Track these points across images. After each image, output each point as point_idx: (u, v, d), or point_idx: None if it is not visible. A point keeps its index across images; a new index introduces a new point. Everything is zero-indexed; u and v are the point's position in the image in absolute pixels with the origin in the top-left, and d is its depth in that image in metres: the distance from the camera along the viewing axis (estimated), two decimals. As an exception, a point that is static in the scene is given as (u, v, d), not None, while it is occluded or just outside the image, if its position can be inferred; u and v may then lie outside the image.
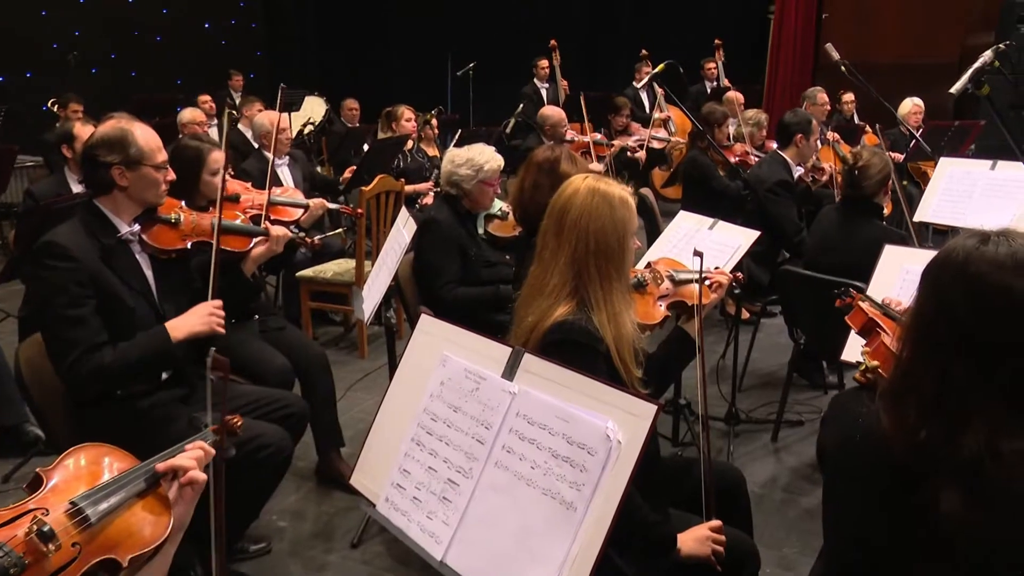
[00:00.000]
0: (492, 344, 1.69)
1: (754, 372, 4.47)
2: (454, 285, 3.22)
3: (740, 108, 7.05)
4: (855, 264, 3.07)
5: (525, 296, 2.01)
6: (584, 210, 1.93)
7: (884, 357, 1.75)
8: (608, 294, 1.92)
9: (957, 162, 4.36)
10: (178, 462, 1.44)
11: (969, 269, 1.25)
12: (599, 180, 1.99)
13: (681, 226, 3.66)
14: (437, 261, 3.23)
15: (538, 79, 8.90)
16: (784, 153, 4.73)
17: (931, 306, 1.30)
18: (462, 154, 3.34)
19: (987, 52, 2.49)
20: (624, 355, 1.92)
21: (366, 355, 4.76)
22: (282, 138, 4.76)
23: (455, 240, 3.27)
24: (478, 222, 3.42)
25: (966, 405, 1.24)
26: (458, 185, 3.32)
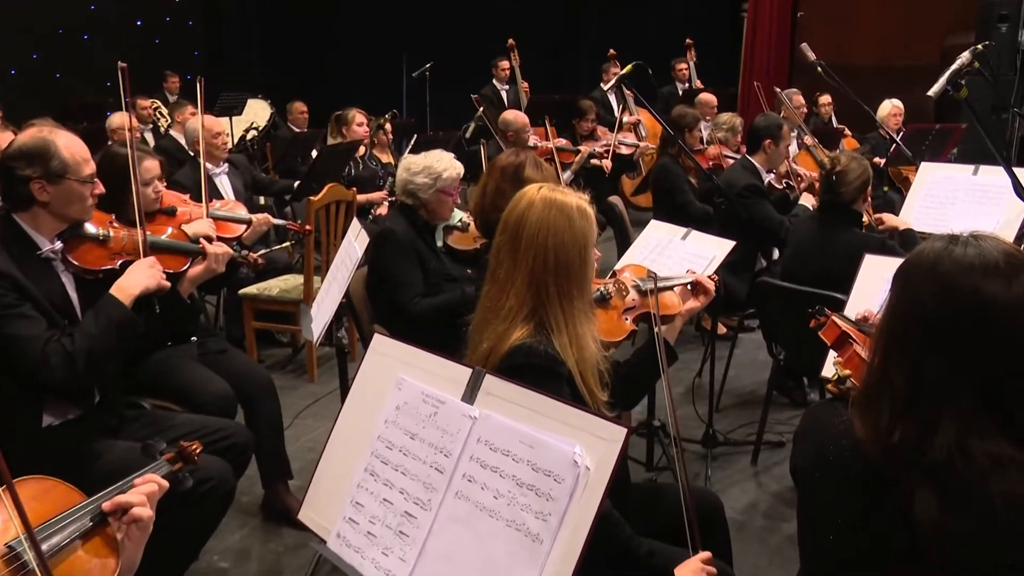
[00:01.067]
0: (451, 365, 1.68)
1: (732, 390, 4.52)
2: (420, 298, 3.23)
3: (713, 111, 7.17)
4: (834, 274, 3.13)
5: (479, 320, 2.01)
6: (541, 224, 1.94)
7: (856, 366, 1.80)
8: (569, 315, 1.93)
9: (939, 167, 4.47)
10: (124, 498, 1.41)
11: (938, 269, 1.33)
12: (554, 190, 2.00)
13: (652, 236, 3.70)
14: (401, 274, 3.23)
15: (497, 80, 8.95)
16: (753, 158, 4.82)
17: (902, 306, 1.37)
18: (419, 161, 3.34)
19: (964, 53, 2.56)
20: (588, 379, 1.93)
21: (316, 379, 4.72)
22: (218, 143, 4.72)
23: (414, 251, 3.27)
24: (436, 234, 3.42)
25: (938, 404, 1.31)
26: (414, 194, 3.32)
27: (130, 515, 1.39)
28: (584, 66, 11.33)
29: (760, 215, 4.54)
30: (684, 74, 9.46)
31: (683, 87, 9.32)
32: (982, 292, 1.29)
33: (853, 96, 4.76)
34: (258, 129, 8.42)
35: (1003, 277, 1.29)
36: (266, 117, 8.62)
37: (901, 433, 1.32)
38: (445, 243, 3.43)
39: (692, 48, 9.63)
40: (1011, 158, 7.01)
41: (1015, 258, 1.32)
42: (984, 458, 1.27)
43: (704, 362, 4.45)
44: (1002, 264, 1.30)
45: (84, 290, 2.47)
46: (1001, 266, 1.30)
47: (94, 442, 2.41)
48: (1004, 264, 1.31)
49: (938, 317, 1.32)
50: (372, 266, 3.34)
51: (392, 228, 3.30)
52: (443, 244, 3.42)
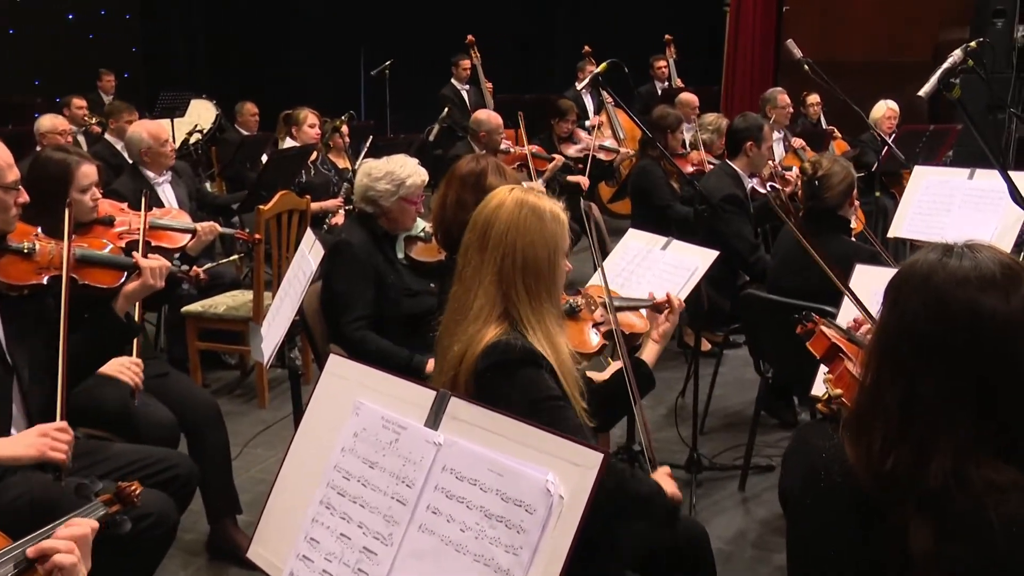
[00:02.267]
0: (413, 387, 1.68)
1: (718, 411, 4.56)
2: (364, 323, 3.21)
3: (694, 111, 7.25)
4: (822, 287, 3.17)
5: (447, 323, 2.04)
6: (511, 223, 1.99)
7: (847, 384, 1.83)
8: (540, 315, 1.98)
9: (933, 171, 4.56)
10: (48, 544, 1.39)
11: (931, 283, 1.35)
12: (528, 192, 2.05)
13: (631, 246, 3.73)
14: (347, 291, 3.22)
15: (458, 80, 8.97)
16: (734, 164, 4.86)
17: (894, 322, 1.39)
18: (380, 166, 3.34)
19: (956, 51, 2.62)
20: (568, 379, 1.96)
21: (266, 404, 4.68)
22: (165, 151, 4.69)
23: (370, 266, 3.26)
24: (397, 245, 3.42)
25: (933, 428, 1.32)
26: (375, 202, 3.32)
27: (52, 562, 1.38)
28: (557, 64, 11.41)
29: (733, 232, 4.57)
30: (663, 72, 9.56)
31: (662, 86, 9.42)
32: (978, 306, 1.31)
33: (841, 96, 4.84)
34: (202, 132, 8.37)
35: (1000, 290, 1.31)
36: (211, 119, 8.58)
37: (895, 460, 1.34)
38: (406, 254, 3.43)
39: (672, 44, 9.75)
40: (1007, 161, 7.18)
41: (1012, 269, 1.34)
42: (982, 484, 1.29)
43: (687, 381, 4.48)
44: (999, 276, 1.32)
45: (7, 309, 2.43)
46: (998, 278, 1.32)
47: (12, 474, 2.37)
48: (1001, 276, 1.32)
49: (932, 333, 1.33)
50: (326, 280, 3.33)
51: (348, 240, 3.29)
52: (404, 256, 3.42)
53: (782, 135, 6.96)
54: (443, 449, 1.57)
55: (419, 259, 3.44)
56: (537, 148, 6.57)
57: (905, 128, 6.73)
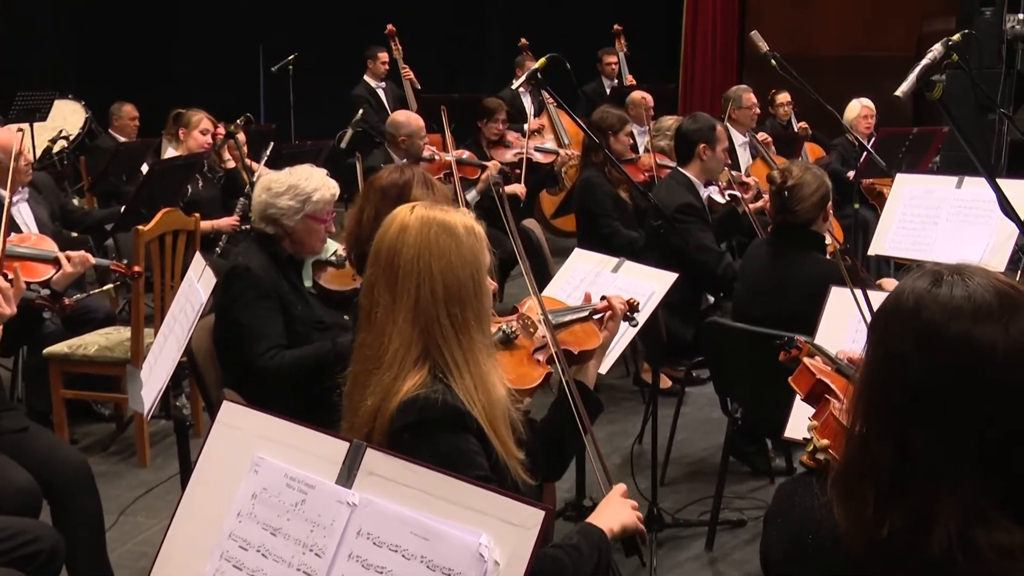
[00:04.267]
0: (323, 438, 1.68)
1: (680, 458, 4.60)
2: (279, 350, 3.21)
3: (648, 112, 7.36)
4: (795, 312, 3.24)
5: (357, 374, 2.03)
6: (422, 247, 1.99)
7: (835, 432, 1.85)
8: (469, 351, 1.98)
9: (917, 179, 4.70)
10: None
11: (921, 317, 1.36)
12: (431, 207, 2.06)
13: (578, 268, 3.77)
14: (254, 321, 3.21)
15: (374, 77, 8.96)
16: (687, 170, 4.95)
17: (881, 363, 1.40)
18: (282, 179, 3.33)
19: (937, 45, 2.71)
20: (499, 429, 1.98)
21: (148, 462, 4.60)
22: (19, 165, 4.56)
23: (275, 293, 3.25)
24: (304, 271, 3.40)
25: (933, 487, 1.33)
26: (276, 222, 3.30)
27: None
28: (490, 59, 11.50)
29: (695, 243, 4.66)
30: (613, 68, 9.71)
31: (612, 84, 9.57)
32: (975, 340, 1.32)
33: (813, 95, 4.96)
34: (68, 139, 8.22)
35: (997, 321, 1.33)
36: (79, 123, 8.44)
37: (891, 526, 1.34)
38: (315, 282, 3.42)
39: (622, 36, 9.90)
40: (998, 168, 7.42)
41: (1009, 296, 1.35)
42: (992, 551, 1.29)
43: (644, 424, 4.52)
44: (995, 304, 1.34)
45: None
46: (994, 307, 1.33)
47: None
48: (997, 304, 1.34)
49: (924, 375, 1.34)
50: (221, 312, 3.31)
51: (246, 264, 3.27)
52: (312, 284, 3.41)
53: (748, 139, 7.10)
54: (358, 510, 1.57)
55: (330, 287, 3.43)
56: (467, 154, 6.60)
57: (885, 131, 6.91)
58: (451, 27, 11.68)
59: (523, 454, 2.03)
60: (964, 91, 6.53)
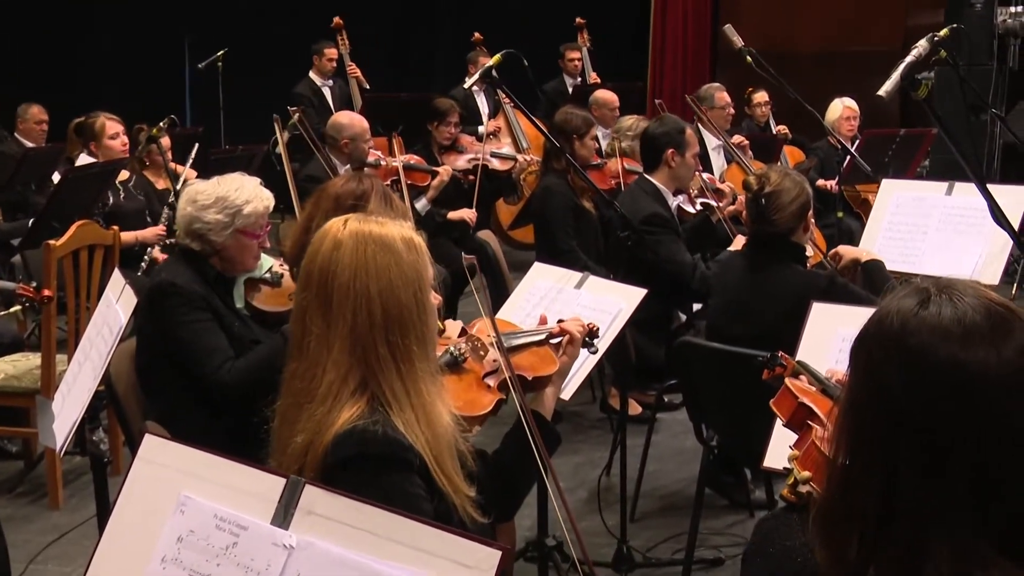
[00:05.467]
0: (256, 474, 1.67)
1: (652, 492, 4.62)
2: (232, 361, 3.21)
3: (613, 113, 7.41)
4: (774, 329, 3.25)
5: (286, 408, 2.02)
6: (358, 266, 1.99)
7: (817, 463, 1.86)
8: (411, 381, 1.98)
9: (904, 185, 4.77)
10: None
11: (907, 341, 1.37)
12: (365, 220, 2.06)
13: (537, 284, 3.78)
14: (199, 336, 3.20)
15: (319, 74, 8.96)
16: (654, 177, 4.99)
17: (864, 392, 1.41)
18: (209, 190, 3.30)
19: (922, 41, 2.77)
20: (445, 465, 1.97)
21: (60, 504, 4.54)
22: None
23: (209, 307, 3.25)
24: (235, 291, 3.39)
25: (922, 527, 1.33)
26: (203, 237, 3.28)
27: None
28: (440, 55, 11.51)
29: (666, 255, 4.69)
30: (575, 65, 9.76)
31: (574, 82, 9.62)
32: (964, 365, 1.33)
33: (792, 94, 5.02)
34: (-33, 144, 8.12)
35: (988, 342, 1.33)
36: (-20, 127, 8.34)
37: (876, 570, 1.34)
38: (247, 303, 3.40)
39: (585, 30, 9.95)
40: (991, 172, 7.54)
41: (1000, 315, 1.36)
42: None
43: (612, 455, 4.52)
44: (985, 325, 1.34)
45: None
46: (984, 328, 1.34)
47: None
48: (987, 324, 1.34)
49: (911, 404, 1.34)
50: (144, 336, 3.29)
51: (171, 280, 3.25)
52: (245, 304, 3.39)
53: (721, 142, 7.17)
54: (296, 553, 1.56)
55: (265, 308, 3.41)
56: (417, 159, 6.60)
57: (870, 133, 7.01)
58: (398, 20, 11.68)
59: (473, 490, 2.02)
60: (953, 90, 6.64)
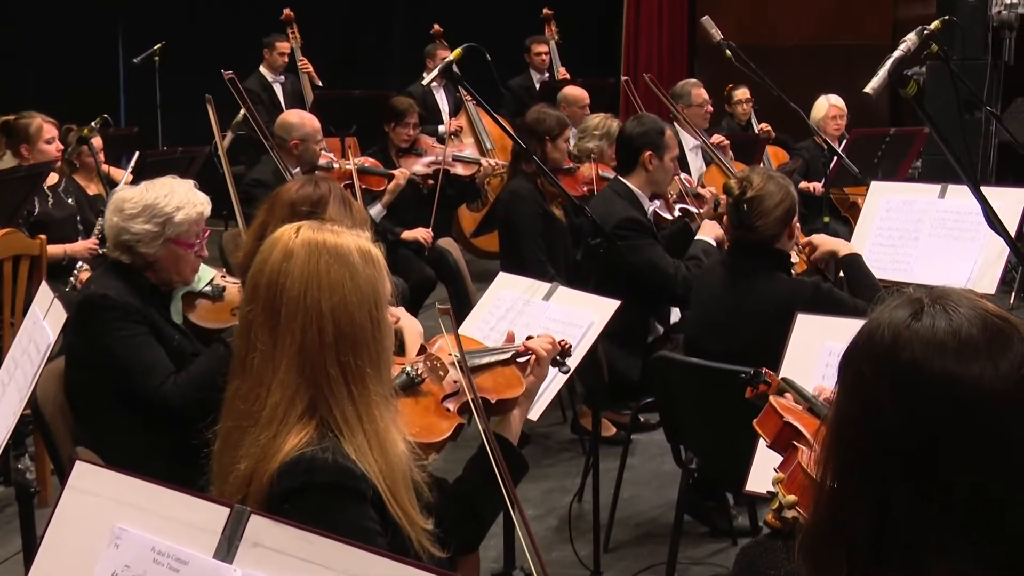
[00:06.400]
0: (198, 503, 1.66)
1: (627, 519, 4.62)
2: (174, 375, 3.21)
3: (583, 111, 7.42)
4: (757, 343, 3.27)
5: (228, 431, 2.01)
6: (309, 278, 1.98)
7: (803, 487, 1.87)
8: (365, 404, 1.97)
9: (895, 188, 4.81)
10: None
11: (899, 356, 1.37)
12: (319, 229, 2.06)
13: (502, 296, 3.78)
14: (137, 351, 3.19)
15: (270, 69, 8.94)
16: (629, 180, 5.00)
17: (853, 410, 1.41)
18: (136, 198, 3.27)
19: (911, 35, 2.79)
20: (399, 496, 1.97)
21: (-16, 538, 4.49)
22: None
23: (145, 320, 3.24)
24: (172, 305, 3.37)
25: (916, 555, 1.34)
26: (133, 249, 3.26)
27: None
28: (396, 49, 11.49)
29: (645, 261, 4.71)
30: (543, 60, 9.78)
31: (541, 78, 9.63)
32: (960, 381, 1.33)
33: (775, 90, 5.06)
34: None
35: (984, 356, 1.33)
36: None
37: None
38: (186, 319, 3.38)
39: (553, 22, 9.97)
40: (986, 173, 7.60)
41: (996, 327, 1.36)
42: None
43: (584, 479, 4.53)
44: (981, 338, 1.35)
45: None
46: (980, 341, 1.35)
47: None
48: (984, 337, 1.35)
49: (903, 423, 1.35)
50: (75, 354, 3.28)
51: (102, 292, 3.24)
52: (183, 321, 3.38)
53: (700, 142, 7.19)
54: (241, 589, 1.55)
55: (205, 325, 3.39)
56: (371, 162, 6.58)
57: (858, 132, 7.05)
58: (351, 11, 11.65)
59: (430, 523, 2.02)
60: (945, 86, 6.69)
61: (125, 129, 8.76)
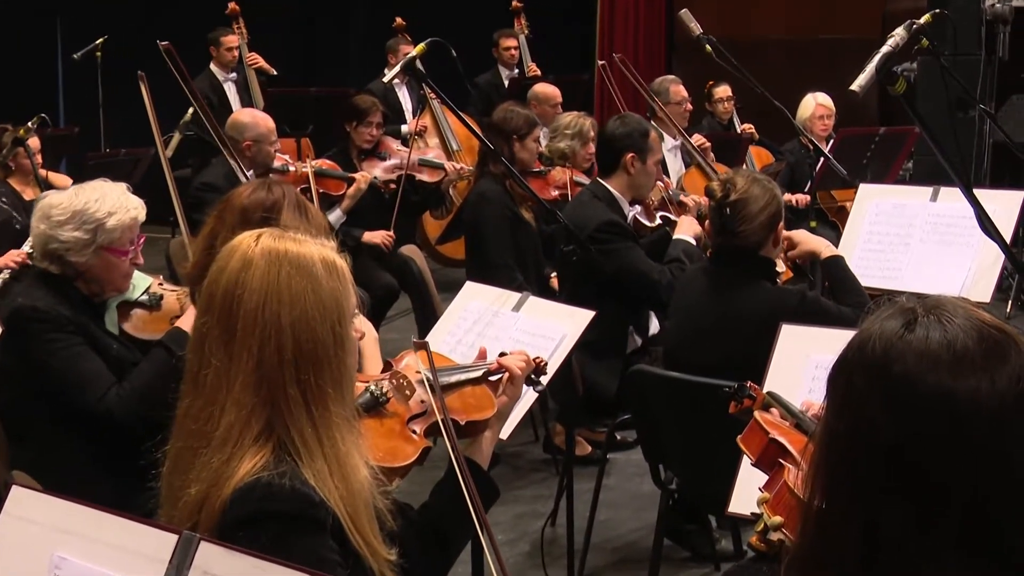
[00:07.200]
0: (143, 530, 1.66)
1: (604, 543, 4.62)
2: (116, 386, 3.20)
3: (555, 109, 7.42)
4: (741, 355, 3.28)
5: (179, 452, 1.99)
6: (269, 290, 1.96)
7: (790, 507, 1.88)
8: (325, 427, 1.96)
9: (885, 191, 4.83)
10: None
11: (891, 369, 1.38)
12: (281, 237, 2.04)
13: (470, 307, 3.77)
14: (74, 363, 3.18)
15: (221, 65, 8.91)
16: (609, 183, 5.01)
17: (843, 425, 1.42)
18: (64, 203, 3.24)
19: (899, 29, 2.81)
20: (361, 525, 1.96)
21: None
22: None
23: (79, 330, 3.23)
24: (107, 316, 3.35)
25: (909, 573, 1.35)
26: (62, 259, 3.24)
27: None
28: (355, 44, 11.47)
29: (627, 266, 4.71)
30: (512, 55, 9.77)
31: (510, 74, 9.63)
32: (955, 395, 1.34)
33: (758, 88, 5.08)
34: None
35: (980, 369, 1.34)
36: None
37: None
38: (121, 330, 3.36)
39: (522, 15, 9.97)
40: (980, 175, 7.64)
41: (993, 339, 1.37)
42: None
43: (558, 501, 4.53)
44: (977, 350, 1.36)
45: None
46: (976, 353, 1.35)
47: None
48: (980, 349, 1.36)
49: (896, 440, 1.35)
50: (6, 371, 3.27)
51: (31, 304, 3.23)
52: (118, 331, 3.36)
53: (678, 143, 7.20)
54: (190, 621, 1.55)
55: (141, 336, 3.38)
56: (329, 164, 6.54)
57: (846, 132, 7.08)
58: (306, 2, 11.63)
59: (394, 552, 2.01)
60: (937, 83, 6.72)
61: (64, 129, 8.71)
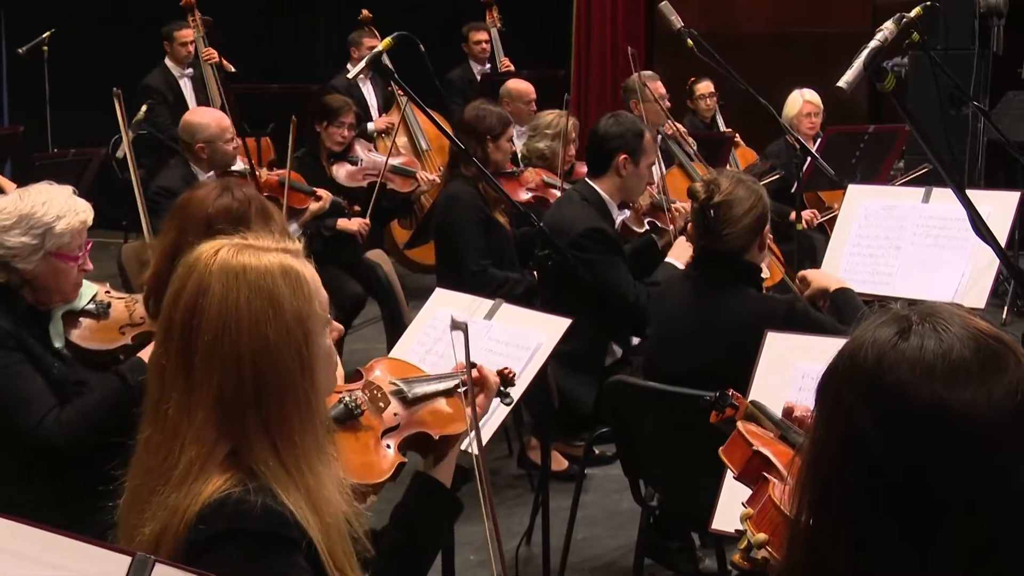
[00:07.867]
0: (94, 551, 1.65)
1: (582, 562, 4.62)
2: (57, 409, 3.18)
3: (529, 107, 7.42)
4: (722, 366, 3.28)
5: (136, 489, 1.97)
6: (227, 318, 1.93)
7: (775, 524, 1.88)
8: (293, 460, 1.94)
9: (875, 192, 4.84)
10: None
11: (884, 379, 1.38)
12: (240, 250, 2.00)
13: (440, 314, 3.76)
14: (12, 384, 3.17)
15: (176, 61, 8.86)
16: (598, 184, 5.01)
17: (833, 439, 1.42)
18: (9, 208, 3.22)
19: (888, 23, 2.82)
20: (336, 554, 1.95)
21: None
22: None
23: (20, 347, 3.21)
24: (52, 327, 3.34)
25: None
26: (8, 266, 3.23)
27: None
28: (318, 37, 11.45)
29: (605, 280, 4.72)
30: (483, 50, 9.76)
31: (482, 69, 9.62)
32: (950, 407, 1.34)
33: (741, 83, 5.08)
34: None
35: (978, 379, 1.35)
36: None
37: None
38: (67, 341, 3.35)
39: (495, 8, 9.96)
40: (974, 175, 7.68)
41: (990, 348, 1.38)
42: None
43: (533, 519, 4.53)
44: (973, 360, 1.36)
45: None
46: (972, 363, 1.36)
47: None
48: (976, 359, 1.36)
49: (888, 454, 1.36)
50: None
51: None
52: (65, 343, 3.35)
53: (659, 141, 7.20)
54: (144, 648, 1.54)
55: (89, 346, 3.37)
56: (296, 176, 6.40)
57: (834, 130, 7.09)
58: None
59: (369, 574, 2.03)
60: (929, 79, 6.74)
61: (8, 129, 8.66)
